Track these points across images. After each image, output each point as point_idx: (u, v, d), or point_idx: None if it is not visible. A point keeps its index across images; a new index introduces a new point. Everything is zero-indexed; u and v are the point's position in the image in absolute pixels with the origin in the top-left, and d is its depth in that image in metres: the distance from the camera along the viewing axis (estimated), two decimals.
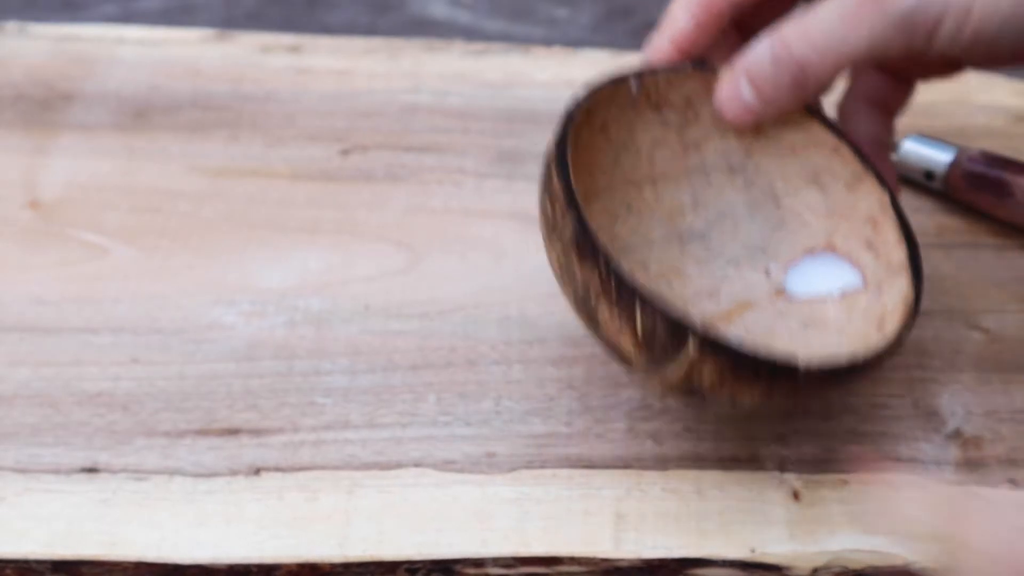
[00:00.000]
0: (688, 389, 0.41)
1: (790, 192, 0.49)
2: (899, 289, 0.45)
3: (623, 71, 0.47)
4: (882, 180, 0.48)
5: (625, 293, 0.40)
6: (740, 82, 0.46)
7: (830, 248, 0.48)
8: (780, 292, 0.48)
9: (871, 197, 0.48)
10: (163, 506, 0.45)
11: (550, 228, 0.43)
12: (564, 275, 0.42)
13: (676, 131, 0.49)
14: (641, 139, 0.48)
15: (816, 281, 0.48)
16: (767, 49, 0.45)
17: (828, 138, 0.48)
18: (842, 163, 0.48)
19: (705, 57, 0.48)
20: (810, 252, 0.49)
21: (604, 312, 0.41)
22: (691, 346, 0.39)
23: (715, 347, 0.39)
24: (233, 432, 0.47)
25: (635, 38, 0.79)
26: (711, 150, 0.49)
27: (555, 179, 0.42)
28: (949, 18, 0.42)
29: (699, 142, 0.49)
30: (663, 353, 0.40)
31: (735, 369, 0.39)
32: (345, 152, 0.61)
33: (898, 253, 0.46)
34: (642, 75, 0.47)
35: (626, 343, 0.41)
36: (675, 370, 0.40)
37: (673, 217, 0.49)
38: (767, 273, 0.49)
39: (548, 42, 0.77)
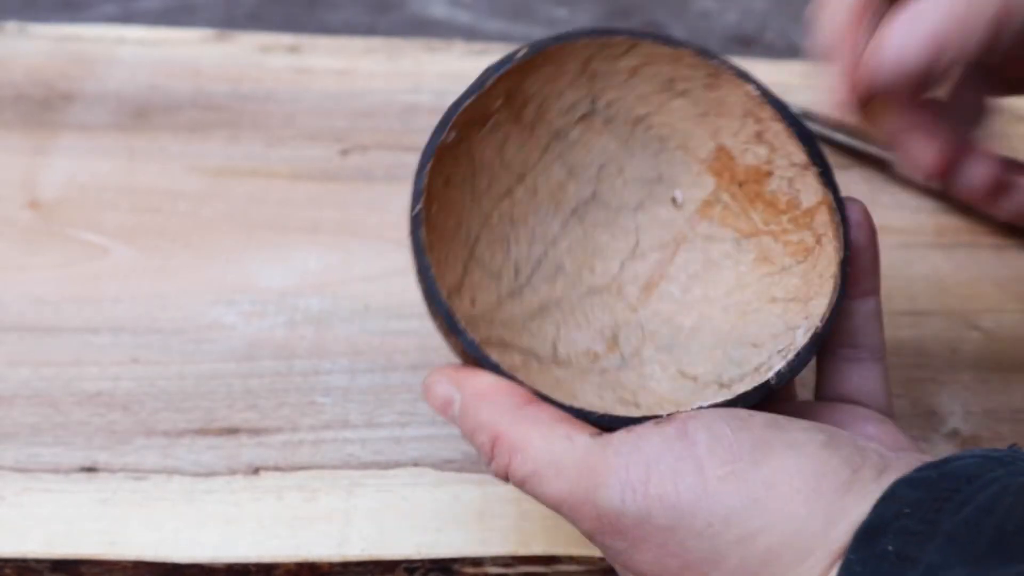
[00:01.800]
0: None
1: (652, 109, 0.44)
2: (811, 185, 0.42)
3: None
4: (743, 75, 0.43)
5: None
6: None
7: (723, 151, 0.44)
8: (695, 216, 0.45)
9: (737, 92, 0.43)
10: (162, 506, 0.45)
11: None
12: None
13: (512, 120, 0.44)
14: (482, 151, 0.44)
15: None
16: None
17: (664, 50, 0.43)
18: (689, 67, 0.43)
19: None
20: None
21: None
22: None
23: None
24: (232, 432, 0.47)
25: None
26: (554, 113, 0.44)
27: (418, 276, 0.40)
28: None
29: (538, 115, 0.44)
30: None
31: None
32: (345, 152, 0.62)
33: (796, 150, 0.43)
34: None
35: None
36: None
37: (557, 198, 0.45)
38: (675, 202, 0.45)
39: None
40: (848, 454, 0.35)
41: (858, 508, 0.33)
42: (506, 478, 0.37)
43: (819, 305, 0.41)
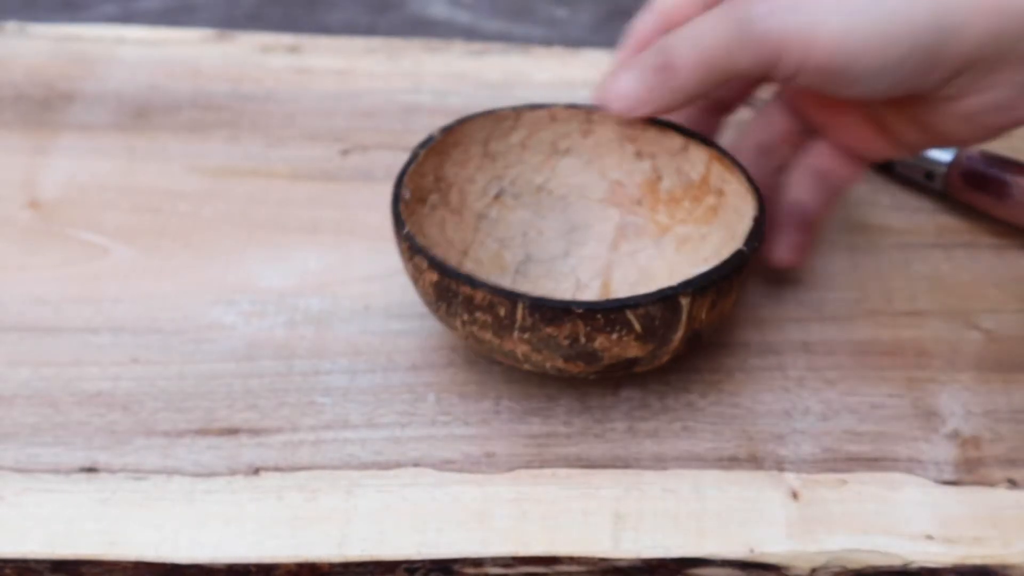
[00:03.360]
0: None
1: (547, 175, 0.53)
2: (695, 156, 0.50)
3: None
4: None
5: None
6: (630, 73, 0.47)
7: (616, 184, 0.53)
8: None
9: (609, 124, 0.52)
10: (162, 506, 0.45)
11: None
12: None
13: (444, 204, 0.51)
14: (430, 228, 0.50)
15: None
16: (659, 43, 0.46)
17: (541, 113, 0.52)
18: (565, 121, 0.52)
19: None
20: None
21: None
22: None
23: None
24: (232, 432, 0.47)
25: None
26: (472, 197, 0.52)
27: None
28: (792, 42, 0.42)
29: (461, 200, 0.52)
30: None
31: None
32: (345, 152, 0.62)
33: (671, 139, 0.51)
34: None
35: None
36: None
37: (499, 264, 0.52)
38: (579, 283, 0.52)
39: (548, 42, 0.77)
40: None
41: None
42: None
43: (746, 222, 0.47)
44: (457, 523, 0.44)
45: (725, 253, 0.47)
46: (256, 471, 0.46)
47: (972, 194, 0.57)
